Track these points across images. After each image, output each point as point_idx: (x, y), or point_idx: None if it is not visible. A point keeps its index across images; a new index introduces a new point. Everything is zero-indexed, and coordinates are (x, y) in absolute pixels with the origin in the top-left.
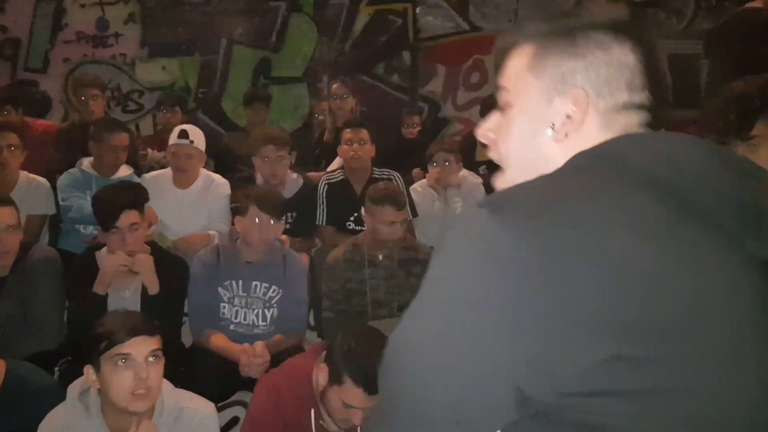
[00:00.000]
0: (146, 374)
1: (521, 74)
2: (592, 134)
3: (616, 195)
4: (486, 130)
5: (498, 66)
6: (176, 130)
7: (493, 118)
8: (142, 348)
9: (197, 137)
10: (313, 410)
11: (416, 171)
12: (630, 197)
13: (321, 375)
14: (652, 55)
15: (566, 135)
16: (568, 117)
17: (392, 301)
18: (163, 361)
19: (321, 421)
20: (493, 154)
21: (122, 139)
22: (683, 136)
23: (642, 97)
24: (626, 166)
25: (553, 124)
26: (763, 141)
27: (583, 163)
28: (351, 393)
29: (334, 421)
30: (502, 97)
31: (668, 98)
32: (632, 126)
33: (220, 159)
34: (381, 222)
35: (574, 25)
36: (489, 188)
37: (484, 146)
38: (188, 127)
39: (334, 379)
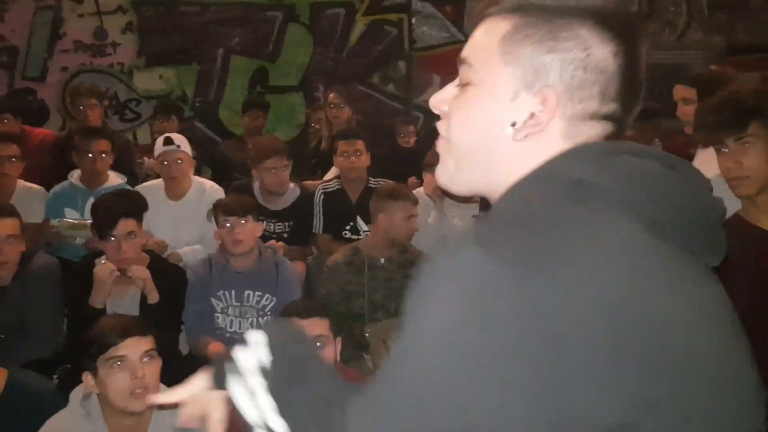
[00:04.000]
0: (142, 373)
1: (490, 54)
2: (554, 141)
3: (606, 230)
4: (441, 101)
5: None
6: (160, 139)
7: (451, 90)
8: (136, 348)
9: (182, 142)
10: None
11: (411, 180)
12: (619, 231)
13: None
14: (634, 60)
15: (526, 136)
16: (532, 116)
17: (390, 304)
18: (158, 360)
19: None
20: (441, 128)
21: (99, 145)
22: (633, 145)
23: (611, 108)
24: (596, 190)
25: (514, 122)
26: (755, 141)
27: (549, 189)
28: None
29: None
30: (464, 72)
31: (637, 109)
32: (594, 139)
33: (217, 167)
34: (401, 217)
35: (558, 10)
36: (484, 200)
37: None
38: (172, 135)
39: None
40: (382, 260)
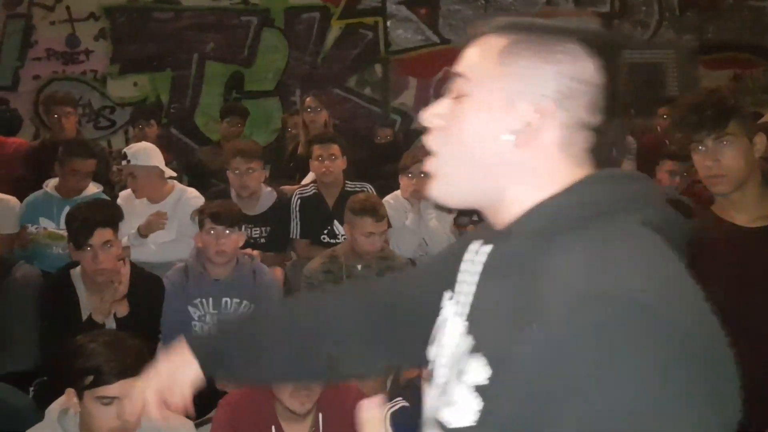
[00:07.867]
0: (132, 416)
1: (487, 67)
2: (550, 150)
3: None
4: (435, 115)
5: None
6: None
7: (445, 104)
8: (129, 390)
9: (140, 156)
10: (274, 427)
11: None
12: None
13: None
14: (616, 76)
15: (524, 143)
16: (528, 125)
17: None
18: None
19: None
20: (433, 142)
21: (87, 165)
22: (640, 177)
23: (598, 119)
24: (646, 226)
25: (513, 129)
26: (733, 139)
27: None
28: None
29: None
30: (459, 85)
31: (618, 123)
32: (583, 151)
33: (194, 174)
34: (360, 233)
35: (549, 29)
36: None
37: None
38: (131, 147)
39: None
40: (360, 267)
